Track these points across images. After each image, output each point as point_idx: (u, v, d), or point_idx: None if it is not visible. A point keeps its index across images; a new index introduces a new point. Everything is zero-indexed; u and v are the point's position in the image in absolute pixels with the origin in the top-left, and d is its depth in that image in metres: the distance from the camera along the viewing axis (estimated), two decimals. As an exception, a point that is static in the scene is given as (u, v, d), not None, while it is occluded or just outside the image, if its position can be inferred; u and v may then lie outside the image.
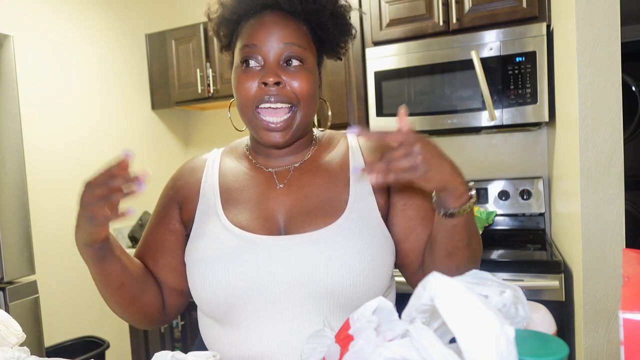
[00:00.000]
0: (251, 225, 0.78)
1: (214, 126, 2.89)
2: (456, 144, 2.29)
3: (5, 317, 0.74)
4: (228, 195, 0.82)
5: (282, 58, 0.77)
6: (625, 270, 0.40)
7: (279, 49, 0.76)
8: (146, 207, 2.55)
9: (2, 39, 1.51)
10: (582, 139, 1.24)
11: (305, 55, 0.78)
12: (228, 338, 0.76)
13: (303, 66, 0.78)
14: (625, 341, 0.33)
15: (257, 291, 0.72)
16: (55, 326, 2.07)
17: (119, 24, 2.50)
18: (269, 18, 0.77)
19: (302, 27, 0.79)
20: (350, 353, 0.42)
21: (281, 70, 0.76)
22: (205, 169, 0.87)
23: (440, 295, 0.37)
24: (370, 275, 0.73)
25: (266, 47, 0.76)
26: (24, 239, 1.56)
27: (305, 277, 0.72)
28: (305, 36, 0.79)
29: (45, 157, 2.08)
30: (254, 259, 0.74)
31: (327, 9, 0.79)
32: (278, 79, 0.75)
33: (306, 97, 0.77)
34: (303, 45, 0.78)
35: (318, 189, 0.80)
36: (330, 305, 0.72)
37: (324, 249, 0.73)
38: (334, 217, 0.76)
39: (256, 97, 0.76)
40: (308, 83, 0.77)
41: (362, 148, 0.86)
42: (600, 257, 1.25)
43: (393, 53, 1.96)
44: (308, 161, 0.85)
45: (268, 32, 0.76)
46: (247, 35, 0.77)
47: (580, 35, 1.22)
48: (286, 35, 0.76)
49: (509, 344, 0.33)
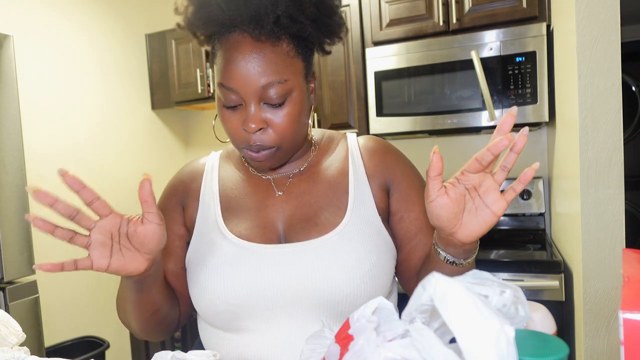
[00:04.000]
0: (250, 234, 0.77)
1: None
2: (456, 144, 2.29)
3: (5, 317, 0.74)
4: (227, 204, 0.81)
5: (263, 99, 0.69)
6: (625, 270, 0.40)
7: (257, 91, 0.68)
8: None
9: (2, 39, 1.51)
10: (582, 139, 1.24)
11: (289, 87, 0.70)
12: (227, 344, 0.75)
13: (287, 100, 0.70)
14: (625, 341, 0.33)
15: (257, 300, 0.72)
16: (55, 326, 2.07)
17: (119, 24, 2.50)
18: (241, 49, 0.68)
19: (281, 47, 0.69)
20: (350, 353, 0.42)
21: (263, 111, 0.70)
22: (204, 174, 0.86)
23: (440, 295, 0.37)
24: (371, 283, 0.72)
25: (242, 89, 0.68)
26: (24, 239, 1.56)
27: (304, 286, 0.71)
28: (285, 58, 0.69)
29: (45, 157, 2.08)
30: (253, 268, 0.73)
31: (305, 18, 0.69)
32: (260, 125, 0.69)
33: (289, 137, 0.72)
34: (284, 75, 0.69)
35: (317, 195, 0.79)
36: (330, 314, 0.72)
37: (324, 257, 0.72)
38: (333, 224, 0.75)
39: (241, 140, 0.72)
40: (292, 120, 0.71)
41: (362, 150, 0.84)
42: (600, 257, 1.25)
43: (393, 53, 1.96)
44: (306, 168, 0.83)
45: (242, 72, 0.67)
46: (221, 73, 0.70)
47: (580, 35, 1.22)
48: (263, 72, 0.67)
49: (509, 344, 0.33)
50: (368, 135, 0.88)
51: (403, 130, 1.97)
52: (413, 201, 0.80)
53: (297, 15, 0.68)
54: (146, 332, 0.79)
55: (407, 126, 1.96)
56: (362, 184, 0.79)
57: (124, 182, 2.46)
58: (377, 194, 0.79)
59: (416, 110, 1.94)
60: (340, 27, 0.75)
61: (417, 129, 1.95)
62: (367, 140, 0.86)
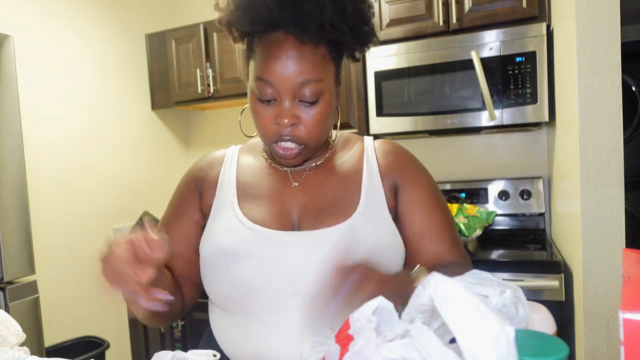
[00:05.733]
0: (265, 219, 0.79)
1: (214, 126, 2.89)
2: (456, 144, 2.29)
3: (5, 317, 0.74)
4: (244, 191, 0.84)
5: (297, 96, 0.74)
6: (625, 270, 0.40)
7: (294, 87, 0.72)
8: (146, 207, 2.55)
9: (2, 39, 1.51)
10: (582, 139, 1.24)
11: (323, 87, 0.74)
12: (236, 330, 0.77)
13: (320, 100, 0.75)
14: (625, 341, 0.33)
15: (265, 285, 0.74)
16: (55, 326, 2.07)
17: (119, 24, 2.50)
18: (283, 47, 0.71)
19: (320, 50, 0.73)
20: (350, 353, 0.42)
21: (297, 108, 0.74)
22: (223, 163, 0.89)
23: (440, 295, 0.37)
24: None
25: (280, 84, 0.72)
26: (24, 239, 1.56)
27: (314, 273, 0.72)
28: (322, 61, 0.74)
29: (45, 157, 2.08)
30: (264, 253, 0.75)
31: (345, 25, 0.73)
32: (293, 120, 0.74)
33: (318, 136, 0.77)
34: (320, 76, 0.73)
35: (331, 188, 0.82)
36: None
37: (335, 247, 0.74)
38: (346, 216, 0.78)
39: (273, 133, 0.76)
40: (323, 119, 0.76)
41: (377, 153, 0.87)
42: (600, 257, 1.25)
43: (393, 53, 1.96)
44: (323, 163, 0.86)
45: (282, 68, 0.71)
46: (260, 67, 0.73)
47: (580, 35, 1.22)
48: (302, 71, 0.72)
49: (509, 344, 0.33)
50: (384, 139, 0.91)
51: (403, 130, 1.97)
52: (419, 205, 0.82)
53: (339, 23, 0.72)
54: (149, 320, 0.80)
55: (407, 126, 1.96)
56: (375, 183, 0.82)
57: (124, 182, 2.46)
58: (387, 194, 0.82)
59: (416, 110, 1.94)
60: (372, 37, 0.79)
61: (417, 129, 1.95)
62: (382, 143, 0.89)
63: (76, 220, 2.21)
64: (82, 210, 2.24)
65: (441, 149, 2.31)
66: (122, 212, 2.44)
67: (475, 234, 1.87)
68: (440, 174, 2.28)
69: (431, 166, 0.96)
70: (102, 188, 2.35)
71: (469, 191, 2.20)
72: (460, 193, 2.21)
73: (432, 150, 2.32)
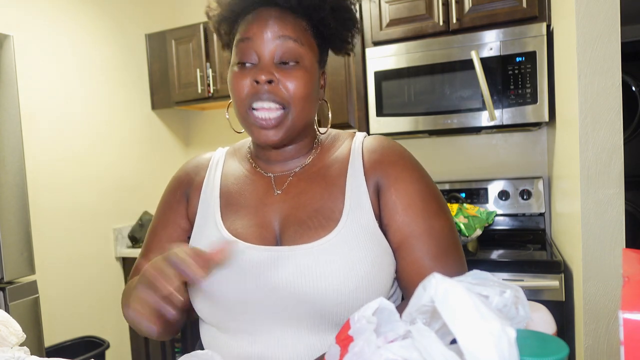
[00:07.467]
0: (247, 233, 0.76)
1: (214, 126, 2.89)
2: (456, 144, 2.29)
3: (5, 317, 0.74)
4: (227, 200, 0.81)
5: (277, 55, 0.74)
6: (625, 270, 0.40)
7: (274, 45, 0.74)
8: (146, 207, 2.55)
9: (2, 39, 1.51)
10: (582, 139, 1.24)
11: (302, 52, 0.75)
12: (222, 344, 0.75)
13: (299, 65, 0.75)
14: (625, 341, 0.33)
15: (246, 303, 0.71)
16: (55, 326, 2.07)
17: (119, 24, 2.50)
18: (266, 12, 0.75)
19: (301, 23, 0.76)
20: (350, 354, 0.42)
21: (275, 68, 0.74)
22: (208, 169, 0.86)
23: (440, 296, 0.37)
24: (364, 293, 0.69)
25: (260, 40, 0.74)
26: (24, 239, 1.56)
27: (294, 293, 0.69)
28: (303, 32, 0.76)
29: (45, 157, 2.08)
30: (243, 270, 0.72)
31: (327, 4, 0.76)
32: (270, 76, 0.73)
33: (299, 99, 0.74)
34: (300, 40, 0.75)
35: (313, 197, 0.77)
36: (321, 322, 0.70)
37: (315, 265, 0.70)
38: (327, 229, 0.73)
39: (249, 95, 0.74)
40: (303, 83, 0.74)
41: (364, 150, 0.81)
42: (600, 257, 1.25)
43: (393, 53, 1.96)
44: (308, 166, 0.82)
45: (263, 25, 0.74)
46: (243, 30, 0.76)
47: (580, 35, 1.22)
48: (281, 28, 0.74)
49: (511, 345, 0.33)
50: (376, 135, 0.85)
51: (403, 130, 1.97)
52: (398, 211, 0.74)
53: (320, 1, 0.76)
54: (159, 333, 0.78)
55: (407, 126, 1.96)
56: (359, 186, 0.76)
57: (124, 182, 2.46)
58: (372, 197, 0.76)
59: (416, 110, 1.94)
60: (355, 23, 0.82)
61: (417, 129, 1.95)
62: (372, 139, 0.83)
63: (76, 220, 2.21)
64: (82, 210, 2.24)
65: (441, 149, 2.32)
66: (122, 212, 2.44)
67: (475, 234, 1.87)
68: (440, 174, 2.28)
69: (431, 166, 0.95)
70: (102, 188, 2.35)
71: (469, 191, 2.20)
72: (460, 193, 2.21)
73: (432, 150, 2.32)
